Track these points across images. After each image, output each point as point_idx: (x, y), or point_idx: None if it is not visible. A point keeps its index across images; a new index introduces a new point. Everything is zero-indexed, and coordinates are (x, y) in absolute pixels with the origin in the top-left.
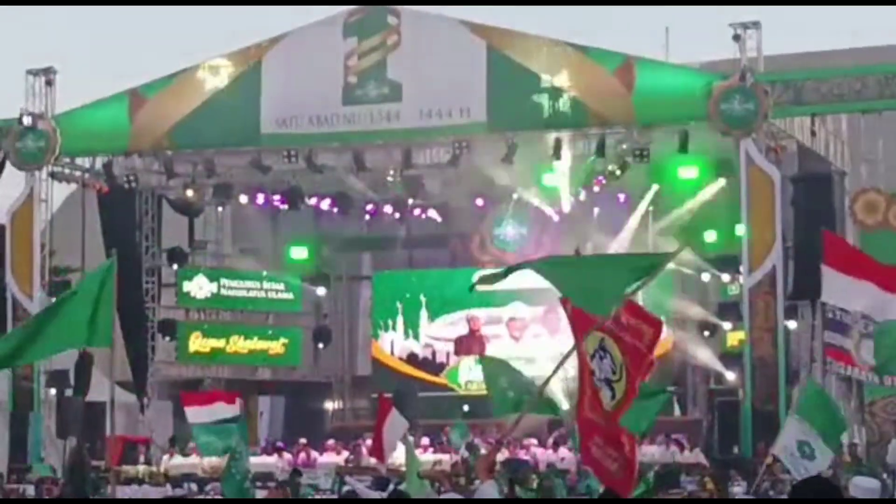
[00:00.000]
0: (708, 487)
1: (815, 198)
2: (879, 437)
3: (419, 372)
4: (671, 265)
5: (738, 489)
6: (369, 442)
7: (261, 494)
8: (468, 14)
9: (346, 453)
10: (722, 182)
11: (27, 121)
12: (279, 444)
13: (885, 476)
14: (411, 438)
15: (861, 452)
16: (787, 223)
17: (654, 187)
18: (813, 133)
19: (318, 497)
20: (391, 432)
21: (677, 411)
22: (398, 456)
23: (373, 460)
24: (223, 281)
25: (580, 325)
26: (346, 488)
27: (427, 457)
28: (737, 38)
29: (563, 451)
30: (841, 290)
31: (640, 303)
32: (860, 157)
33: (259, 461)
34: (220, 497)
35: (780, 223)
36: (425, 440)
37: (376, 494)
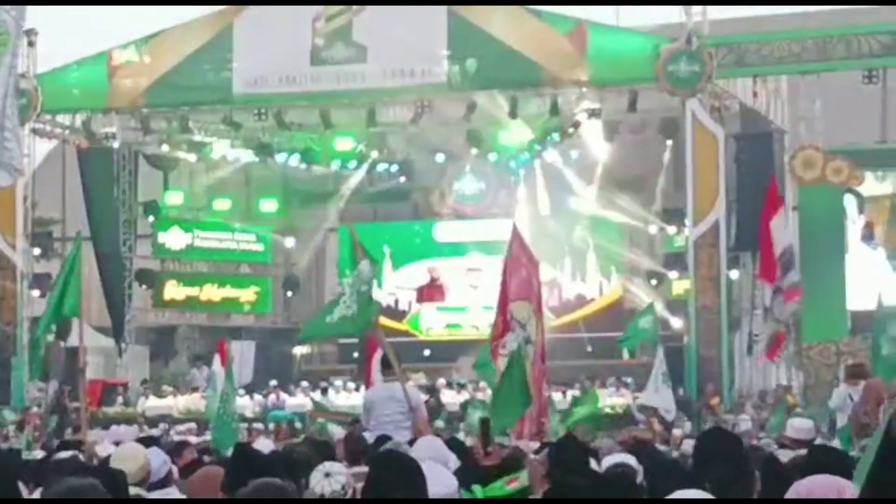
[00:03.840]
0: (654, 428)
1: (756, 155)
2: (815, 380)
3: (383, 319)
4: (622, 218)
5: (679, 431)
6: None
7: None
8: None
9: (314, 395)
10: (669, 141)
11: None
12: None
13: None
14: None
15: (797, 393)
16: (730, 179)
17: (606, 145)
18: (755, 94)
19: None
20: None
21: (626, 356)
22: None
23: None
24: (196, 232)
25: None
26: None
27: None
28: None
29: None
30: (781, 229)
31: (592, 255)
32: (799, 116)
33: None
34: (196, 436)
35: (723, 179)
36: None
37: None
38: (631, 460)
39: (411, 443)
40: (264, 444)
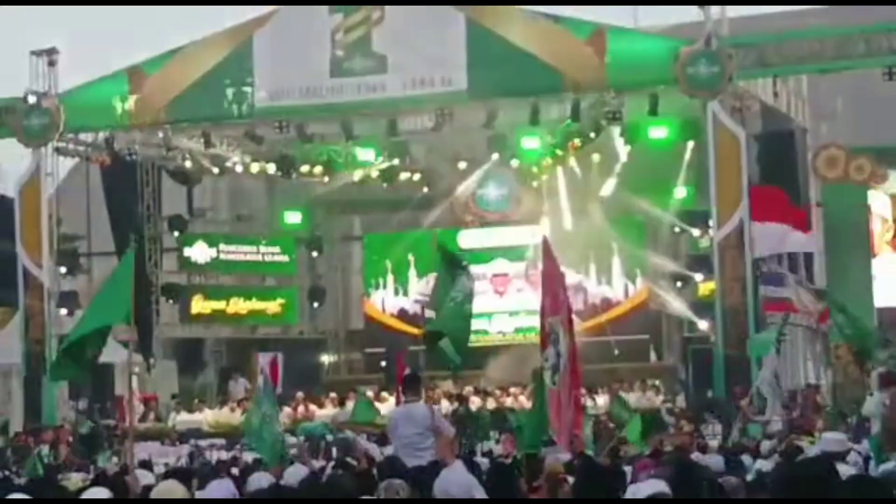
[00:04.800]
0: (685, 430)
1: (778, 154)
2: (844, 377)
3: (408, 326)
4: (646, 221)
5: (710, 429)
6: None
7: None
8: None
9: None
10: (691, 142)
11: (32, 100)
12: None
13: (850, 419)
14: None
15: (826, 392)
16: (753, 179)
17: (628, 149)
18: (775, 93)
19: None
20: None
21: (653, 358)
22: None
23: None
24: (222, 246)
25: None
26: (339, 435)
27: None
28: (701, 4)
29: None
30: (767, 237)
31: (617, 258)
32: (820, 115)
33: None
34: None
35: (746, 179)
36: None
37: (373, 446)
38: (664, 486)
39: (433, 467)
40: (297, 472)
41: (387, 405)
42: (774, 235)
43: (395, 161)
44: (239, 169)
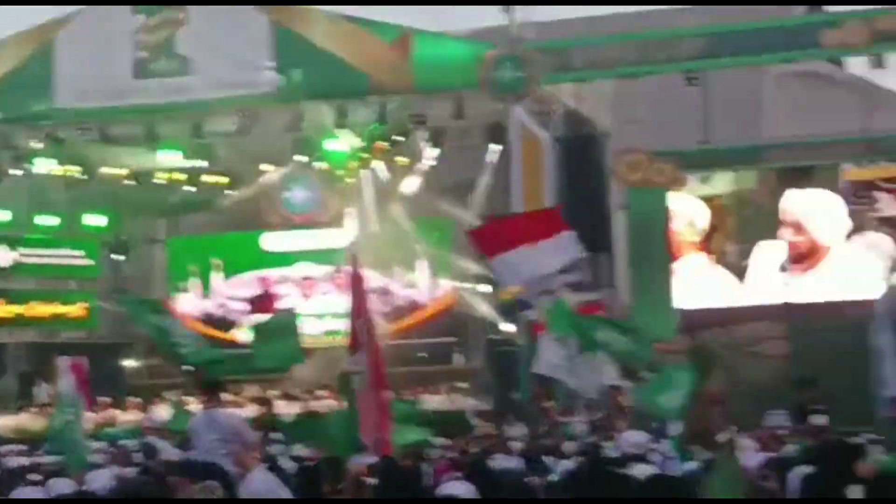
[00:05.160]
0: (489, 432)
1: (582, 158)
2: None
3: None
4: (452, 224)
5: (514, 431)
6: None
7: None
8: None
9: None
10: (495, 145)
11: None
12: None
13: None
14: None
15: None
16: (556, 183)
17: (433, 151)
18: (579, 98)
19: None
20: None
21: (460, 360)
22: None
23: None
24: (23, 250)
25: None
26: (143, 440)
27: None
28: (506, 9)
29: None
30: (509, 267)
31: (423, 261)
32: (623, 119)
33: None
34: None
35: (550, 183)
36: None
37: (176, 451)
38: (463, 488)
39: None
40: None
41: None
42: (523, 260)
43: (201, 163)
44: (42, 171)
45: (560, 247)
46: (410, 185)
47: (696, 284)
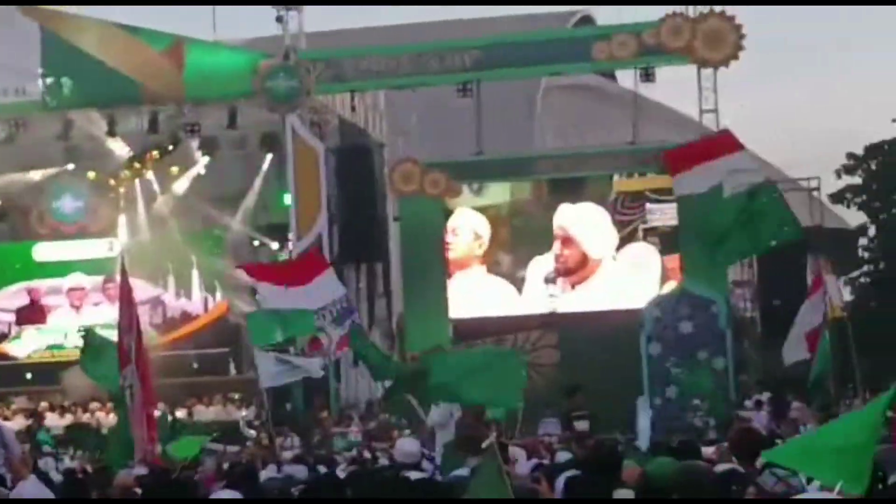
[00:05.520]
0: (263, 443)
1: (356, 168)
2: None
3: None
4: (225, 233)
5: (288, 441)
6: None
7: None
8: None
9: None
10: (270, 155)
11: None
12: None
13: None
14: None
15: None
16: (331, 192)
17: (205, 160)
18: (353, 108)
19: None
20: None
21: (234, 371)
22: None
23: None
24: None
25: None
26: None
27: None
28: (279, 19)
29: None
30: (274, 294)
31: (195, 271)
32: (397, 130)
33: None
34: None
35: (325, 193)
36: None
37: None
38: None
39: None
40: None
41: None
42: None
43: None
44: None
45: (322, 287)
46: (182, 194)
47: (473, 294)
